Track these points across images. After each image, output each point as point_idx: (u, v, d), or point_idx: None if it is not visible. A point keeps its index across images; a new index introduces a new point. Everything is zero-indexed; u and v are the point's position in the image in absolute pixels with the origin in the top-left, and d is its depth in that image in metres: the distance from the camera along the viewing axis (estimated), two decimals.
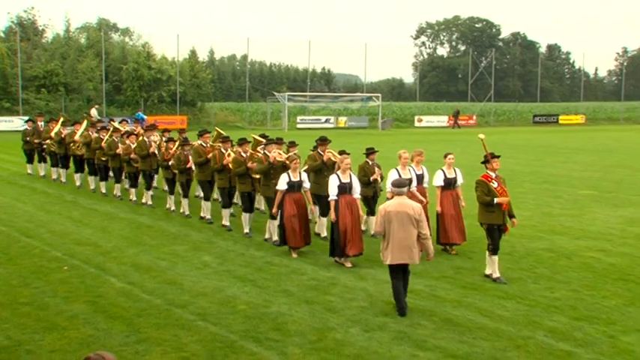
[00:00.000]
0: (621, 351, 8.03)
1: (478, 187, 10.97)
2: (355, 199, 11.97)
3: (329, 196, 11.93)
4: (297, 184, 12.41)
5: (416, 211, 9.05)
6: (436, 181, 12.87)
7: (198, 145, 15.49)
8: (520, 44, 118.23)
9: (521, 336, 8.48)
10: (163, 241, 13.61)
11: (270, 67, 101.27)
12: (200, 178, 15.50)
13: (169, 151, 16.48)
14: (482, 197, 10.86)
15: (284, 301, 9.77)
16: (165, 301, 9.74)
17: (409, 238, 9.03)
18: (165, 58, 57.66)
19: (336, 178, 11.86)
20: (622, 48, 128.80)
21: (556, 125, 67.04)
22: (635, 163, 29.59)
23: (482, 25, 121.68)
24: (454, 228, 12.67)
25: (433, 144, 35.84)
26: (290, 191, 12.31)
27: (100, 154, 18.93)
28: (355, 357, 7.77)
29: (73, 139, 20.39)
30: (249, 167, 13.83)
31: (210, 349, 7.95)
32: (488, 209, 10.84)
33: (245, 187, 14.05)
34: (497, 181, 10.96)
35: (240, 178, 14.01)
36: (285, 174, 12.43)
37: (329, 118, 58.54)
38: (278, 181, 12.50)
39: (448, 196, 12.80)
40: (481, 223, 11.08)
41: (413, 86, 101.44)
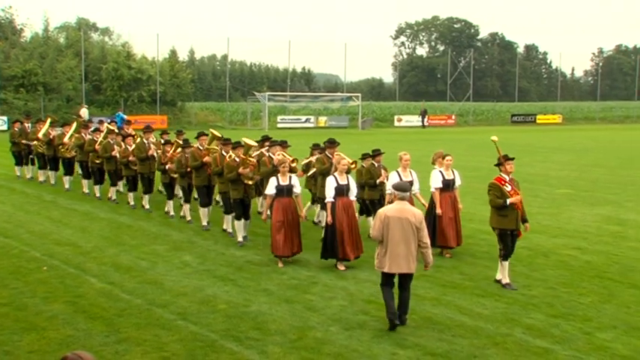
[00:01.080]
0: (597, 347, 8.15)
1: (491, 190, 10.60)
2: (352, 201, 11.76)
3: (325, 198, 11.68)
4: (286, 189, 11.82)
5: (417, 218, 8.57)
6: (434, 182, 12.58)
7: (194, 148, 14.79)
8: (498, 44, 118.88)
9: (499, 333, 8.58)
10: (144, 241, 13.58)
11: (251, 66, 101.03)
12: (197, 183, 14.76)
13: (166, 154, 15.74)
14: (494, 200, 10.49)
15: (264, 300, 9.80)
16: (146, 300, 9.74)
17: (409, 246, 8.52)
18: (145, 57, 57.36)
19: (334, 180, 11.58)
20: (598, 48, 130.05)
21: (534, 125, 67.55)
22: (611, 162, 29.92)
23: (461, 25, 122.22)
24: (451, 231, 12.42)
25: (413, 144, 35.99)
26: (279, 196, 11.78)
27: (94, 156, 18.22)
28: (335, 355, 7.82)
29: (62, 141, 19.77)
30: (241, 173, 13.06)
31: (191, 349, 7.96)
32: (501, 213, 10.46)
33: (237, 193, 13.25)
34: (510, 184, 10.56)
35: (233, 184, 13.24)
36: (274, 177, 11.93)
37: (309, 118, 58.58)
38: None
39: (447, 198, 12.54)
40: (493, 228, 10.71)
41: (392, 86, 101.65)
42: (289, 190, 11.83)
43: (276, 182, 11.80)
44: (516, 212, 10.47)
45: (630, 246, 13.51)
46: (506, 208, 10.39)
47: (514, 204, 10.39)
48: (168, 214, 16.10)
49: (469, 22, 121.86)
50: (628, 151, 35.89)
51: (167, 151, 15.72)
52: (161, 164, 15.71)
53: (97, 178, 18.68)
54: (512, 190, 10.48)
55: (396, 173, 12.31)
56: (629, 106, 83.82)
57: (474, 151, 32.45)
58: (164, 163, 15.61)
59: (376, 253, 8.79)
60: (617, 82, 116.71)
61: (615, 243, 13.70)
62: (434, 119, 65.36)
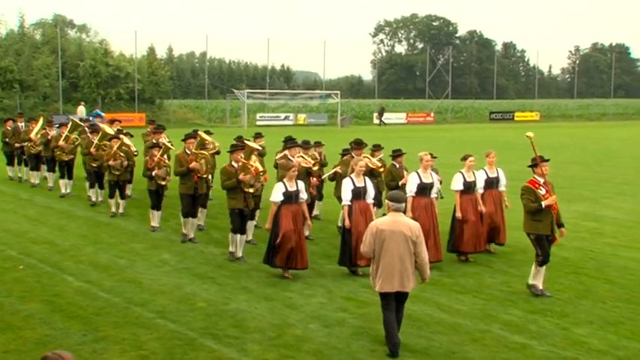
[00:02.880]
0: (573, 342, 8.23)
1: (524, 194, 10.05)
2: (369, 204, 11.12)
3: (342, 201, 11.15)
4: (294, 195, 10.84)
5: (413, 231, 7.73)
6: (455, 185, 12.03)
7: (180, 152, 13.48)
8: (476, 42, 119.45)
9: (477, 329, 8.63)
10: (122, 239, 13.50)
11: (230, 64, 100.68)
12: (181, 191, 13.37)
13: (154, 158, 14.22)
14: (528, 205, 9.94)
15: (243, 298, 9.78)
16: (124, 299, 9.68)
17: (403, 262, 7.71)
18: (123, 55, 57.00)
19: (350, 182, 10.92)
20: (574, 46, 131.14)
21: (512, 122, 67.95)
22: (588, 159, 30.21)
23: (440, 23, 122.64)
24: (472, 235, 11.89)
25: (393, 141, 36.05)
26: (287, 203, 10.74)
27: (90, 159, 17.03)
28: (314, 353, 7.83)
29: (58, 143, 18.33)
30: (241, 180, 11.72)
31: (169, 347, 7.93)
32: (535, 218, 9.94)
33: (236, 202, 11.82)
34: (545, 187, 10.04)
35: (230, 192, 11.86)
36: (281, 183, 10.89)
37: (288, 116, 58.53)
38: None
39: (467, 200, 12.00)
40: (528, 234, 10.16)
41: (371, 83, 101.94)
42: (297, 196, 10.88)
43: (284, 188, 10.77)
44: (551, 216, 9.97)
45: (606, 242, 13.66)
46: (541, 213, 9.89)
47: (550, 206, 9.90)
48: (154, 228, 14.38)
49: (448, 19, 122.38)
50: (604, 149, 36.25)
51: (154, 155, 14.26)
52: (147, 170, 14.11)
53: (92, 181, 17.34)
54: (547, 194, 9.97)
55: (417, 174, 11.62)
56: (605, 104, 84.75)
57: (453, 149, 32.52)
58: (150, 168, 14.09)
59: (370, 270, 8.12)
60: (593, 79, 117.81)
61: (592, 239, 13.84)
62: (413, 117, 65.58)
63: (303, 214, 10.99)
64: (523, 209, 10.13)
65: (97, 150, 16.66)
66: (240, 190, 11.79)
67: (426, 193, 11.59)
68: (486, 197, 12.35)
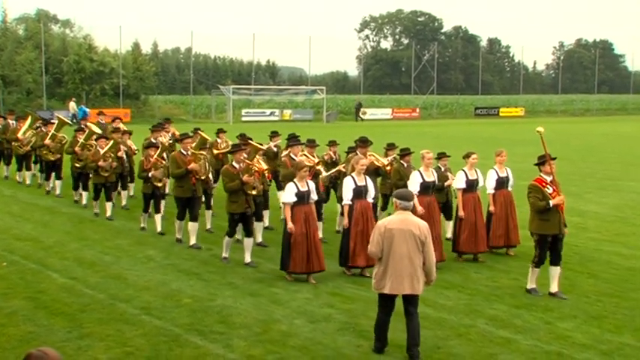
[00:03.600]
0: (558, 336, 8.29)
1: (531, 192, 9.81)
2: (370, 204, 10.94)
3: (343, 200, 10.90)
4: (306, 195, 10.46)
5: (422, 230, 7.44)
6: (458, 183, 11.84)
7: (176, 152, 12.90)
8: (462, 38, 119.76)
9: (463, 324, 8.66)
10: (107, 236, 13.43)
11: (215, 60, 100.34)
12: (177, 194, 12.70)
13: (150, 158, 13.53)
14: (536, 204, 9.67)
15: (229, 294, 9.77)
16: (109, 295, 9.64)
17: (413, 263, 7.43)
18: (108, 50, 56.73)
19: (352, 181, 10.66)
20: (559, 42, 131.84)
21: (497, 117, 68.30)
22: (572, 154, 30.36)
23: (425, 18, 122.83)
24: (473, 235, 11.67)
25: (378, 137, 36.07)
26: (299, 204, 10.37)
27: (74, 159, 16.29)
28: (300, 348, 7.84)
29: (44, 142, 17.66)
30: (245, 181, 11.25)
31: (155, 343, 7.90)
32: (542, 217, 9.66)
33: (237, 206, 11.26)
34: (552, 186, 9.77)
35: (232, 195, 11.30)
36: (292, 183, 10.44)
37: (274, 111, 58.53)
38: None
39: (470, 199, 11.76)
40: (532, 233, 9.93)
41: (357, 79, 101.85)
42: (309, 196, 10.53)
43: (296, 188, 10.37)
44: (559, 216, 9.69)
45: (590, 237, 13.75)
46: (549, 212, 9.62)
47: (557, 205, 9.64)
48: (144, 229, 13.88)
49: (433, 15, 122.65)
50: (588, 144, 36.48)
51: (151, 155, 13.60)
52: (143, 170, 13.44)
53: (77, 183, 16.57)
54: (555, 192, 9.71)
55: (418, 173, 11.42)
56: (589, 99, 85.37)
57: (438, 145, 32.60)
58: (147, 169, 13.43)
59: (374, 272, 7.77)
60: (577, 75, 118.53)
61: (576, 234, 13.90)
62: (398, 112, 65.72)
63: (314, 215, 10.63)
64: (530, 208, 9.90)
65: (83, 149, 16.00)
66: (243, 192, 11.30)
67: (428, 192, 11.42)
68: (497, 197, 12.04)
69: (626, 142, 38.53)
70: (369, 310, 9.13)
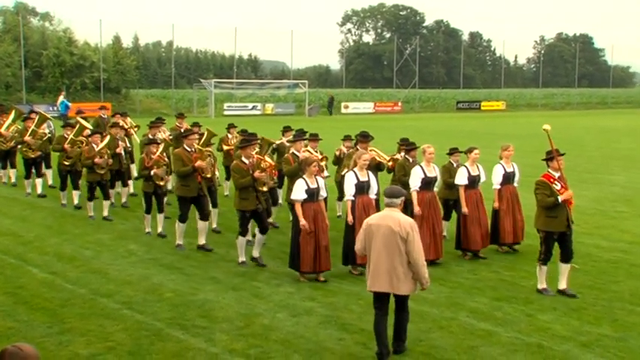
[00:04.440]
0: (538, 328, 8.35)
1: (539, 188, 9.63)
2: (372, 200, 10.61)
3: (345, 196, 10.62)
4: (315, 192, 10.13)
5: (403, 227, 7.08)
6: (459, 179, 11.54)
7: (180, 149, 12.22)
8: (443, 32, 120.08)
9: (444, 317, 8.71)
10: (87, 230, 13.35)
11: (197, 53, 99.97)
12: (181, 194, 12.01)
13: (151, 155, 12.84)
14: (544, 200, 9.49)
15: (211, 288, 9.75)
16: (90, 290, 9.60)
17: (391, 260, 7.14)
18: (88, 43, 56.22)
19: (354, 176, 10.37)
20: (539, 36, 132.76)
21: (478, 111, 68.55)
22: None
23: (407, 12, 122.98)
24: (477, 233, 11.47)
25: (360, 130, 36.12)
26: (309, 201, 10.05)
27: (62, 156, 15.37)
28: (282, 342, 7.84)
29: (24, 138, 16.77)
30: (257, 177, 10.91)
31: (136, 338, 7.88)
32: (550, 214, 9.50)
33: (248, 203, 10.88)
34: (560, 182, 9.63)
35: (242, 192, 10.90)
36: (302, 180, 10.11)
37: (256, 105, 58.39)
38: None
39: (472, 195, 11.54)
40: (538, 230, 9.77)
41: (339, 73, 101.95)
42: (318, 193, 10.21)
43: (306, 185, 10.04)
44: (566, 212, 9.55)
45: None
46: (557, 208, 9.46)
47: (566, 201, 9.51)
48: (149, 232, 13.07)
49: (415, 9, 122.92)
50: (568, 138, 36.69)
51: (152, 152, 12.90)
52: (145, 168, 12.72)
53: (64, 183, 15.63)
54: (563, 189, 9.57)
55: (420, 168, 11.20)
56: (569, 93, 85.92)
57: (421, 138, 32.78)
58: (149, 167, 12.71)
59: (366, 269, 7.70)
60: (558, 69, 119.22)
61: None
62: (380, 106, 65.79)
63: (323, 213, 10.30)
64: (537, 205, 9.75)
65: (73, 146, 15.22)
66: (254, 189, 10.95)
67: (430, 187, 11.21)
68: (504, 193, 11.82)
69: (606, 135, 38.86)
70: (350, 303, 9.17)
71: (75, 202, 15.44)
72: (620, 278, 10.51)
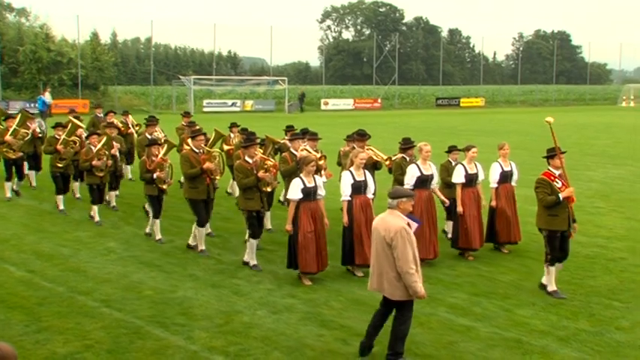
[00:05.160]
0: (516, 323, 8.42)
1: (539, 187, 9.48)
2: (369, 199, 10.38)
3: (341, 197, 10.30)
4: (312, 191, 9.88)
5: (389, 232, 6.95)
6: (456, 177, 11.38)
7: (187, 150, 11.86)
8: (423, 29, 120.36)
9: (423, 313, 8.72)
10: (66, 228, 13.25)
11: (176, 50, 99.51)
12: (191, 196, 11.56)
13: (153, 157, 12.29)
14: (545, 198, 9.34)
15: (190, 286, 9.72)
16: (68, 288, 9.53)
17: (381, 263, 7.10)
18: (65, 40, 55.82)
19: (350, 176, 10.16)
20: (518, 33, 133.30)
21: (457, 108, 68.89)
22: (532, 144, 30.76)
23: (386, 9, 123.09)
24: (476, 231, 11.30)
25: (341, 127, 36.18)
26: (305, 200, 9.81)
27: (55, 158, 14.59)
28: (262, 339, 7.84)
29: (4, 138, 15.70)
30: (261, 177, 10.76)
31: (115, 336, 7.84)
32: (551, 213, 9.36)
33: (253, 203, 10.65)
34: (561, 180, 9.48)
35: (246, 192, 10.69)
36: (298, 179, 9.85)
37: (235, 102, 58.24)
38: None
39: (469, 194, 11.34)
40: (540, 229, 9.63)
41: (319, 69, 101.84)
42: (315, 192, 9.91)
43: (302, 184, 9.78)
44: (567, 211, 9.38)
45: None
46: (558, 207, 9.32)
47: (568, 198, 9.33)
48: (152, 236, 12.53)
49: (394, 6, 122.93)
50: (547, 134, 36.98)
51: (155, 155, 12.33)
52: (147, 171, 12.17)
53: (60, 186, 14.77)
54: (564, 187, 9.41)
55: (415, 166, 10.98)
56: (548, 90, 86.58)
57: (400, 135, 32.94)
58: (151, 169, 12.19)
59: None
60: (536, 66, 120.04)
61: (533, 223, 14.07)
62: (360, 103, 65.88)
63: (322, 212, 10.03)
64: (538, 204, 9.64)
65: (66, 147, 14.61)
66: (257, 189, 10.76)
67: (426, 185, 11.00)
68: (500, 192, 11.69)
69: (584, 132, 39.17)
70: (331, 299, 9.19)
71: (60, 206, 14.73)
72: (597, 273, 10.61)
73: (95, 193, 13.75)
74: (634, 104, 75.89)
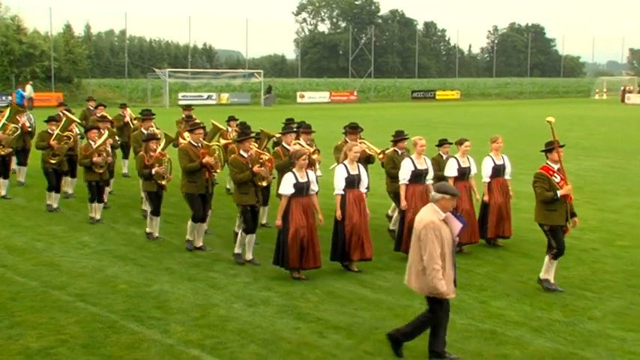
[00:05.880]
0: (491, 315, 8.49)
1: (537, 181, 9.39)
2: (363, 193, 10.25)
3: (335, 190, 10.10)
4: (305, 186, 9.73)
5: (420, 225, 6.90)
6: (449, 171, 11.26)
7: (186, 144, 11.51)
8: (398, 21, 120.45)
9: (400, 305, 8.78)
10: (39, 222, 13.12)
11: (150, 42, 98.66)
12: (189, 191, 11.31)
13: (151, 152, 11.91)
14: (543, 194, 9.24)
15: (166, 279, 9.68)
16: (42, 283, 9.44)
17: (412, 255, 7.10)
18: (38, 32, 55.30)
19: (344, 170, 10.02)
20: (493, 26, 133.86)
21: (433, 101, 69.21)
22: (506, 136, 30.87)
23: (362, 2, 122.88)
24: (469, 225, 10.57)
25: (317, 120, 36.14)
26: (298, 195, 9.63)
27: (48, 154, 14.00)
28: (239, 332, 7.83)
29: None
30: (256, 172, 10.58)
31: (90, 330, 7.79)
32: (549, 208, 9.26)
33: (248, 198, 10.50)
34: (559, 174, 9.43)
35: (241, 187, 10.57)
36: (291, 173, 9.68)
37: (211, 95, 58.06)
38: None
39: (462, 188, 11.04)
40: (541, 225, 9.50)
41: (295, 62, 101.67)
42: (308, 187, 9.77)
43: (295, 179, 9.62)
44: (565, 206, 9.33)
45: (523, 217, 14.02)
46: (556, 202, 9.23)
47: (565, 196, 9.28)
48: (151, 235, 12.09)
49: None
50: (521, 126, 37.28)
51: (153, 150, 11.94)
52: (144, 167, 11.80)
53: (52, 183, 14.22)
54: (562, 181, 9.35)
55: (410, 160, 10.84)
56: (522, 82, 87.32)
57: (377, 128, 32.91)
58: (148, 165, 11.83)
59: None
60: (511, 59, 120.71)
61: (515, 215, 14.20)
62: (336, 95, 65.93)
63: (315, 208, 9.89)
64: (536, 198, 9.56)
65: (59, 142, 14.04)
66: (252, 184, 10.61)
67: (421, 180, 10.86)
68: (493, 186, 11.58)
69: (558, 124, 39.25)
70: (307, 292, 9.20)
71: (54, 205, 14.27)
72: (571, 264, 10.71)
73: (94, 190, 13.14)
74: (607, 97, 76.71)
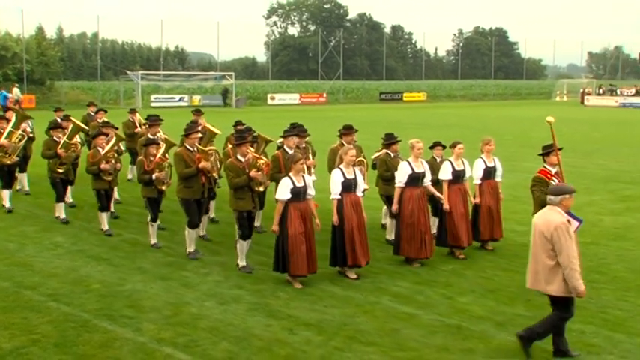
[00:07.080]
0: (457, 310, 8.72)
1: (535, 185, 9.45)
2: (360, 198, 10.09)
3: (331, 195, 9.93)
4: (302, 191, 9.56)
5: (550, 226, 6.97)
6: (443, 174, 11.10)
7: (182, 149, 11.25)
8: (366, 25, 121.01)
9: (368, 302, 8.97)
10: (11, 223, 13.11)
11: (123, 45, 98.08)
12: (184, 196, 11.04)
13: (151, 157, 11.64)
14: (541, 197, 9.04)
15: (139, 279, 9.78)
16: (14, 283, 9.48)
17: (536, 259, 7.16)
18: (10, 34, 54.78)
19: (340, 174, 9.85)
20: (458, 30, 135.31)
21: (400, 102, 69.80)
22: (472, 137, 31.27)
23: (331, 5, 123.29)
24: (464, 228, 11.04)
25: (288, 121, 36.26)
26: (294, 200, 9.47)
27: (55, 163, 13.31)
28: (210, 329, 7.95)
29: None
30: (253, 177, 10.28)
31: (63, 330, 7.86)
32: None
33: (244, 204, 10.24)
34: (557, 177, 9.46)
35: (237, 192, 10.27)
36: (287, 178, 9.52)
37: (183, 97, 58.07)
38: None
39: (456, 191, 11.07)
40: None
41: (265, 65, 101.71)
42: (305, 192, 9.59)
43: (292, 184, 9.44)
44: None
45: None
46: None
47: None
48: (156, 245, 11.67)
49: (339, 2, 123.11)
50: (486, 127, 37.73)
51: (153, 155, 11.66)
52: (144, 172, 11.50)
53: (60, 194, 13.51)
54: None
55: (407, 164, 10.65)
56: (486, 84, 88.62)
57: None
58: (149, 170, 11.52)
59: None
60: (476, 61, 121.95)
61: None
62: (306, 97, 66.16)
63: (312, 213, 9.70)
64: (534, 202, 9.57)
65: (67, 150, 13.39)
66: (249, 189, 10.34)
67: (418, 183, 10.67)
68: (485, 188, 11.48)
69: (521, 125, 40.11)
70: (278, 290, 9.35)
71: (62, 215, 13.43)
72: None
73: (103, 199, 12.54)
74: (567, 98, 77.97)
